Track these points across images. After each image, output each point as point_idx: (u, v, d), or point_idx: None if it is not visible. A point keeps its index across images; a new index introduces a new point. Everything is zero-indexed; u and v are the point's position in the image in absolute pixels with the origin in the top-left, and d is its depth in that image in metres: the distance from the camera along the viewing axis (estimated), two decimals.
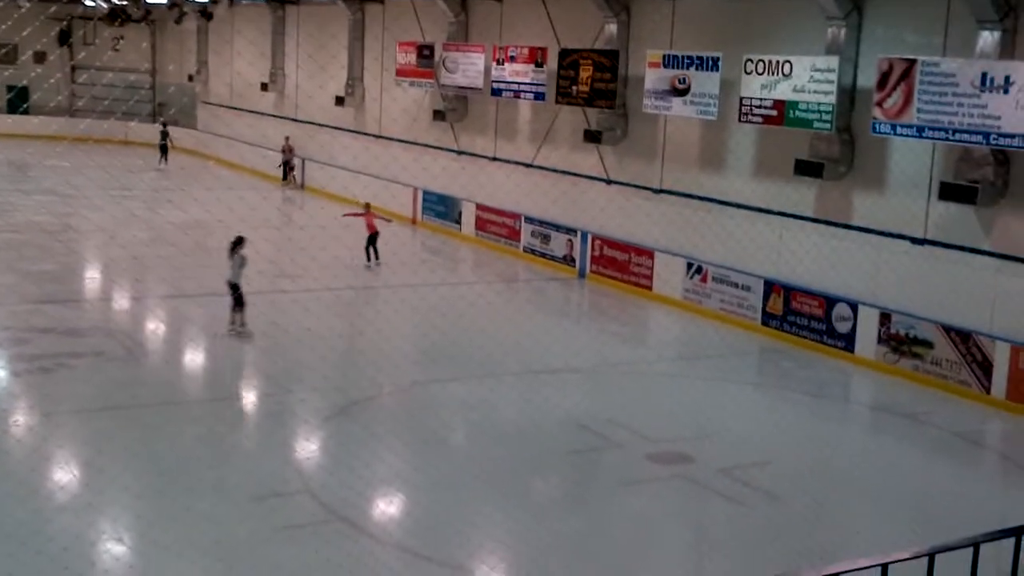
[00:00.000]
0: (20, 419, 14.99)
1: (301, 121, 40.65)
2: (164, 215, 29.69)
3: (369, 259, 25.63)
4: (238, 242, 19.41)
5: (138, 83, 51.22)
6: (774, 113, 20.70)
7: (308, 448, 14.61)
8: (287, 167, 40.06)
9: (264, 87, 42.71)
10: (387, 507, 12.99)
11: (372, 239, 25.78)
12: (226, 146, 45.15)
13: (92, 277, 25.23)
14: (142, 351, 18.91)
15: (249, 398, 16.97)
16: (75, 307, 21.43)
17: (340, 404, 16.03)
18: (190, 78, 49.79)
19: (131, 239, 27.59)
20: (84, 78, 50.67)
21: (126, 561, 11.06)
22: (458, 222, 31.23)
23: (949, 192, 18.00)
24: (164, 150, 43.23)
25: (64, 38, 51.38)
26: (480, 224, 30.22)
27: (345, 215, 28.16)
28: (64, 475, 13.08)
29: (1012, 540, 5.14)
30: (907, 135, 18.26)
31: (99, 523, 11.72)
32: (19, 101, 46.67)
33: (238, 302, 19.03)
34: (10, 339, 18.48)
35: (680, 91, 22.96)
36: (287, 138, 40.48)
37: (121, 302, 23.08)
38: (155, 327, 20.96)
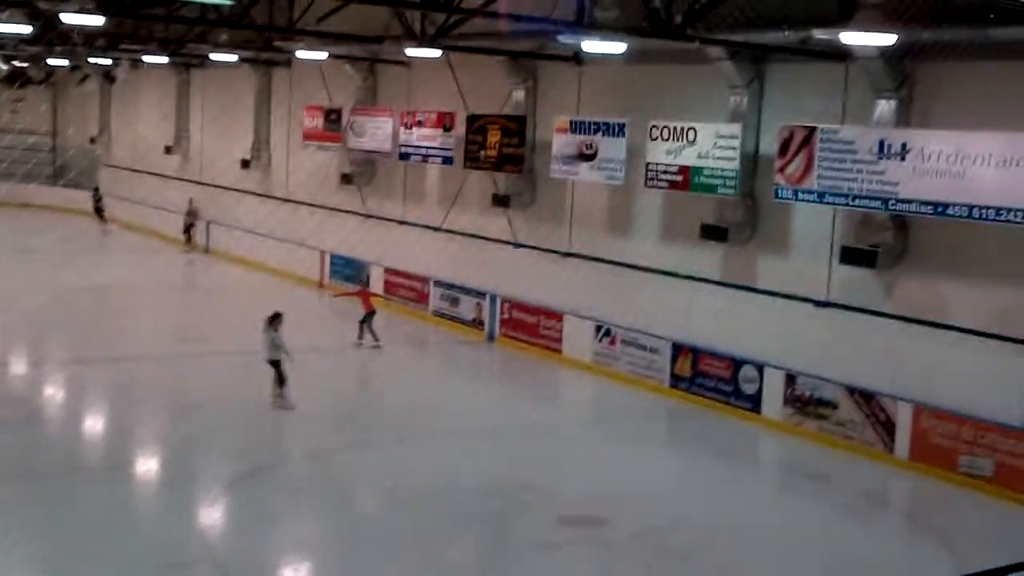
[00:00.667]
0: None
1: (206, 184, 40.21)
2: (67, 279, 29.09)
3: (362, 336, 24.22)
4: (275, 317, 18.68)
5: (38, 145, 50.36)
6: (679, 178, 21.01)
7: (212, 515, 14.28)
8: (190, 230, 39.61)
9: (168, 149, 42.20)
10: (296, 573, 12.72)
11: (368, 317, 24.42)
12: (128, 208, 44.46)
13: None
14: (41, 417, 18.38)
15: (152, 465, 16.57)
16: None
17: (246, 470, 15.71)
18: (92, 140, 49.04)
19: (32, 303, 26.92)
20: None
21: None
22: (367, 285, 31.03)
23: (850, 256, 18.38)
24: (100, 212, 43.55)
25: None
26: (388, 287, 30.08)
27: (337, 295, 27.59)
28: None
29: None
30: (808, 200, 18.64)
31: None
32: None
33: (280, 378, 18.39)
34: None
35: (587, 156, 23.21)
36: (191, 200, 40.06)
37: (19, 367, 22.45)
38: (55, 392, 20.42)
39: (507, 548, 13.73)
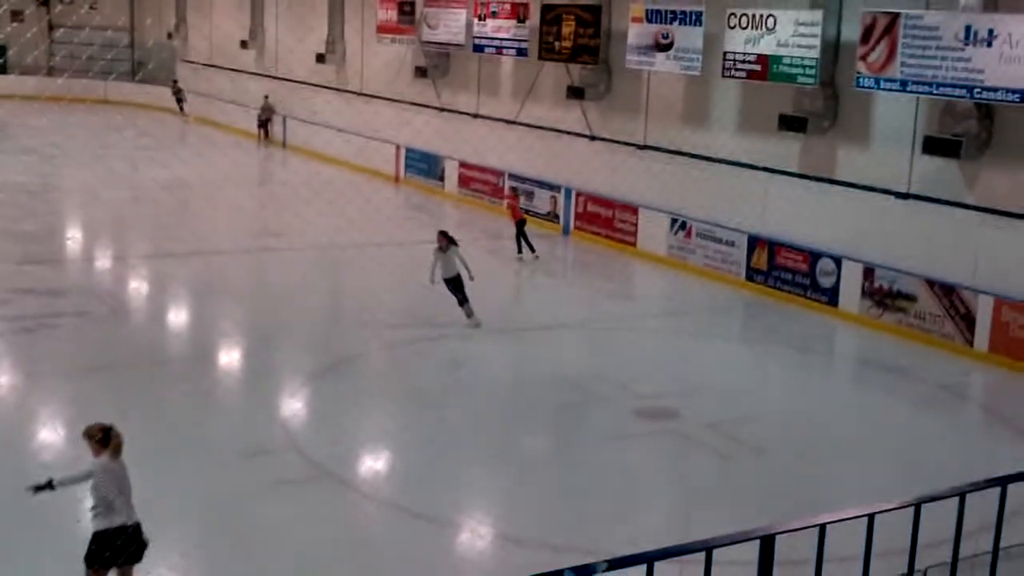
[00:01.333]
0: (2, 379, 14.94)
1: (281, 78, 40.33)
2: (146, 173, 29.53)
3: (520, 250, 23.19)
4: (451, 239, 17.67)
5: (115, 40, 50.69)
6: (758, 68, 20.63)
7: (295, 406, 14.61)
8: (266, 125, 39.86)
9: (244, 44, 42.31)
10: (375, 464, 13.02)
11: (520, 226, 23.29)
12: (206, 103, 44.79)
13: (74, 237, 25.07)
14: (125, 311, 18.83)
15: (235, 356, 16.94)
16: (57, 267, 21.33)
17: (327, 362, 16.02)
18: (169, 35, 49.29)
19: (113, 198, 27.45)
20: (61, 34, 50.12)
21: None
22: (441, 179, 31.12)
23: (933, 146, 18.01)
24: (180, 103, 44.91)
25: None
26: (463, 181, 30.12)
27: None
28: (49, 434, 13.07)
29: (997, 490, 5.17)
30: (891, 89, 18.24)
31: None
32: None
33: (463, 298, 17.65)
34: None
35: (663, 46, 22.86)
36: (266, 96, 40.20)
37: (104, 262, 22.97)
38: (138, 286, 20.88)
39: (582, 439, 13.89)
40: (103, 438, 8.69)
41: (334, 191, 26.87)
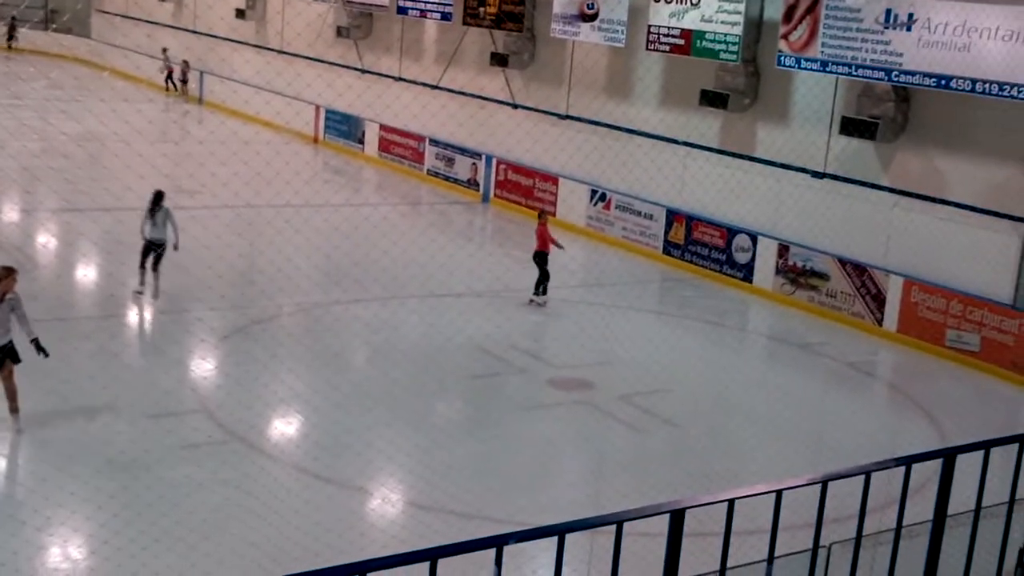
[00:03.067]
0: None
1: (200, 33, 39.53)
2: (57, 126, 28.78)
3: (539, 291, 18.19)
4: (158, 197, 16.90)
5: None
6: (681, 42, 20.69)
7: (204, 367, 14.40)
8: (170, 78, 39.41)
9: None
10: (285, 428, 12.89)
11: (540, 260, 18.29)
12: (122, 56, 43.77)
13: None
14: (32, 265, 18.36)
15: (144, 316, 16.62)
16: None
17: (238, 323, 15.81)
18: None
19: (21, 150, 26.70)
20: None
21: (16, 480, 10.85)
22: (361, 142, 30.83)
23: (850, 127, 18.23)
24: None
25: None
26: (384, 145, 29.86)
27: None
28: None
29: (902, 469, 5.24)
30: (811, 69, 18.42)
31: None
32: None
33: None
34: None
35: (588, 16, 22.81)
36: (165, 50, 39.57)
37: (10, 214, 22.38)
38: (46, 241, 20.39)
39: (495, 408, 13.89)
40: None
41: (252, 151, 26.42)
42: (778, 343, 18.35)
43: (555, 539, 4.15)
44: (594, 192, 23.27)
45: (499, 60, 25.67)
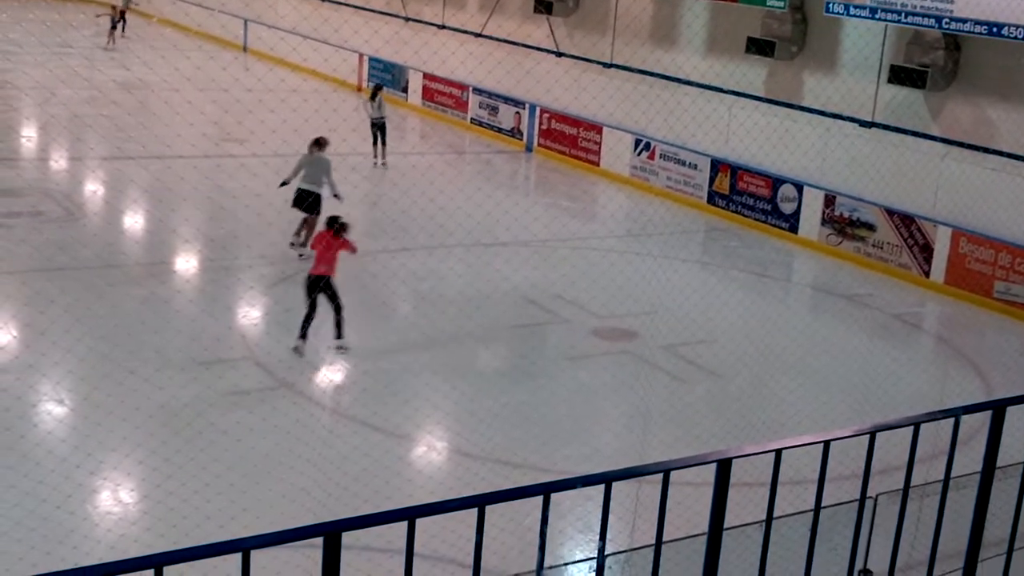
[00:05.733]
0: None
1: None
2: (106, 73, 28.99)
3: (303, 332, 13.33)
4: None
5: None
6: None
7: (253, 315, 14.56)
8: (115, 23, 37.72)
9: None
10: (332, 375, 13.03)
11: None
12: (171, 5, 43.81)
13: (30, 136, 24.64)
14: (82, 212, 18.60)
15: (193, 263, 16.80)
16: (12, 166, 20.97)
17: (286, 271, 15.93)
18: None
19: (71, 97, 26.94)
20: None
21: (69, 423, 11.05)
22: (405, 91, 30.79)
23: (899, 75, 18.00)
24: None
25: None
26: (427, 94, 29.81)
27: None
28: (3, 335, 12.96)
29: (951, 420, 5.24)
30: (860, 16, 18.16)
31: (41, 384, 11.65)
32: None
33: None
34: None
35: None
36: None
37: (60, 162, 22.62)
38: (95, 188, 20.59)
39: (540, 357, 13.96)
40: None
41: (298, 99, 26.48)
42: (823, 294, 18.26)
43: (600, 488, 4.20)
44: (638, 141, 23.16)
45: (543, 7, 25.49)
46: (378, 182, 21.14)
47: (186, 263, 16.72)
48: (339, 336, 12.97)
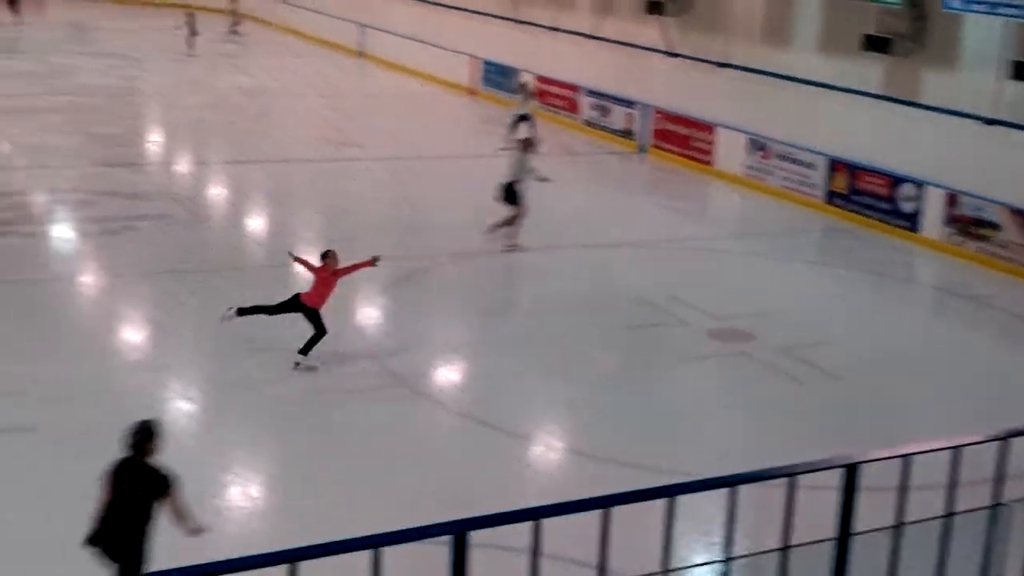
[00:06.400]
0: (90, 279, 15.31)
1: None
2: (228, 79, 29.74)
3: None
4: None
5: None
6: None
7: (372, 313, 14.83)
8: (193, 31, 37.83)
9: None
10: (449, 374, 13.22)
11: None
12: (291, 12, 44.67)
13: (156, 141, 25.41)
14: (205, 215, 19.14)
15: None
16: (140, 170, 21.66)
17: (403, 271, 16.18)
18: None
19: (195, 103, 27.70)
20: None
21: (197, 419, 11.41)
22: (517, 93, 30.92)
23: (1021, 71, 17.55)
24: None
25: None
26: (539, 95, 29.92)
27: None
28: (135, 335, 13.41)
29: None
30: (980, 11, 17.76)
31: (170, 382, 12.05)
32: None
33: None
34: (78, 201, 18.81)
35: None
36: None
37: (184, 166, 23.27)
38: (218, 191, 21.15)
39: (657, 358, 13.96)
40: None
41: (413, 103, 26.84)
42: (946, 295, 17.90)
43: (723, 490, 4.23)
44: (752, 141, 22.96)
45: (655, 7, 25.42)
46: (488, 183, 21.31)
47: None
48: (304, 353, 12.29)
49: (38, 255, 16.22)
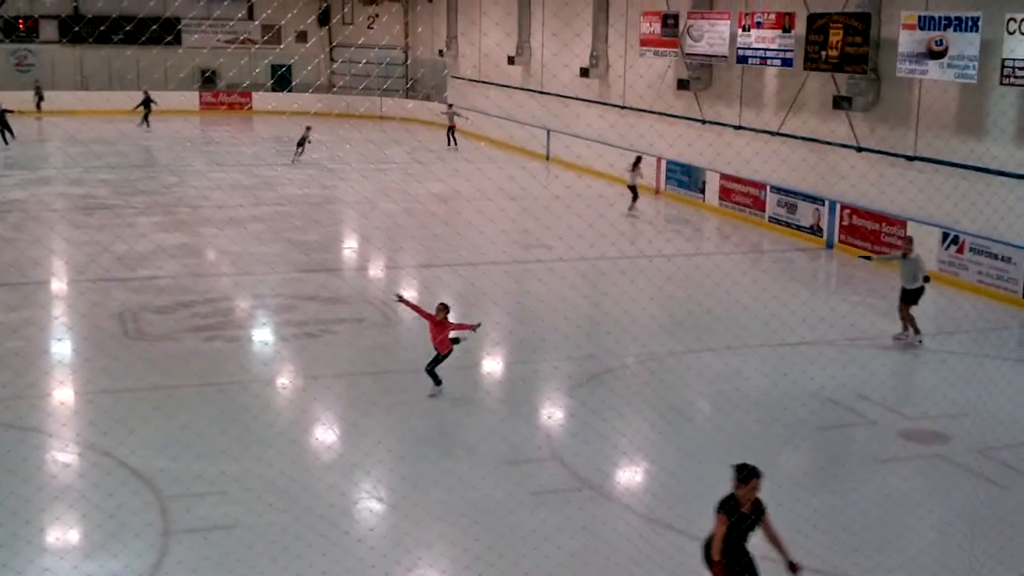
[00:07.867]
0: (288, 381, 15.99)
1: (547, 92, 41.15)
2: (421, 186, 30.83)
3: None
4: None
5: (394, 60, 53.21)
6: None
7: (558, 415, 14.99)
8: (451, 133, 42.84)
9: (511, 60, 43.44)
10: (635, 476, 13.22)
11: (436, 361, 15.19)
12: (479, 119, 46.12)
13: (352, 246, 26.47)
14: (399, 318, 19.73)
15: (500, 364, 17.48)
16: (337, 275, 22.57)
17: (590, 371, 16.35)
18: (440, 53, 51.16)
19: (390, 209, 28.79)
20: (344, 57, 53.23)
21: (389, 520, 11.71)
22: (702, 192, 31.06)
23: None
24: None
25: (324, 19, 53.79)
26: (724, 194, 29.96)
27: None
28: (330, 436, 13.92)
29: None
30: None
31: (363, 482, 12.43)
32: (284, 81, 49.31)
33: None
34: (279, 306, 19.72)
35: (937, 53, 22.12)
36: (450, 105, 43.94)
37: (379, 270, 24.13)
38: (411, 294, 21.80)
39: (845, 461, 13.66)
40: None
41: (601, 204, 27.20)
42: None
43: None
44: (946, 235, 22.41)
45: (842, 102, 25.27)
46: (673, 282, 21.37)
47: (495, 364, 17.42)
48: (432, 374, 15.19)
49: (241, 358, 17.04)
